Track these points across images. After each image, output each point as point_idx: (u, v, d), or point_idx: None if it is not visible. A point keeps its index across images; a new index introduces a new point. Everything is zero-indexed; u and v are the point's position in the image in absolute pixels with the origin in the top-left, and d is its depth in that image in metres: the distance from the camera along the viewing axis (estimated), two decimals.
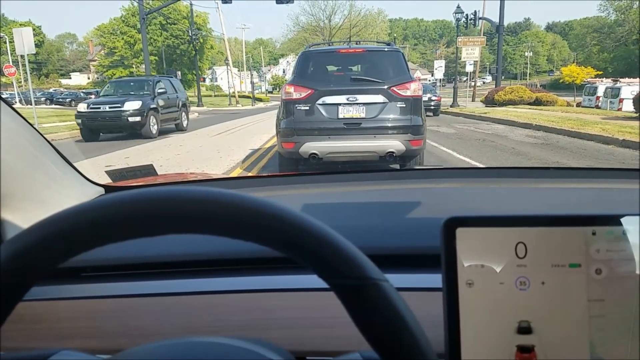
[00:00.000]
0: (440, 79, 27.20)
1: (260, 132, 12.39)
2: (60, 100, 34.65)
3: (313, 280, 0.46)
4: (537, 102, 19.72)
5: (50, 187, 0.82)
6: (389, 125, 4.92)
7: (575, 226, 0.43)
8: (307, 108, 4.92)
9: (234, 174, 6.27)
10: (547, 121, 12.03)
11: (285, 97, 5.02)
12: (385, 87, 4.93)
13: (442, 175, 1.38)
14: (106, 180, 1.22)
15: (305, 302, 0.65)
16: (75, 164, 0.94)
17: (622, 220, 0.43)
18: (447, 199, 1.14)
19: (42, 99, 34.33)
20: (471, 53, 20.73)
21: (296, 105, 4.94)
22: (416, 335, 0.34)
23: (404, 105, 4.92)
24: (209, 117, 20.35)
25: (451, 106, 20.69)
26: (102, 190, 0.99)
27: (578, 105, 23.00)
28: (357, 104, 4.90)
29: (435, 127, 12.55)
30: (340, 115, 4.92)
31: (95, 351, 0.50)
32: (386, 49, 5.46)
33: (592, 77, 33.31)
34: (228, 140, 10.89)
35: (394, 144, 4.91)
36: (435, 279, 0.50)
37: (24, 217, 0.75)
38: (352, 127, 4.92)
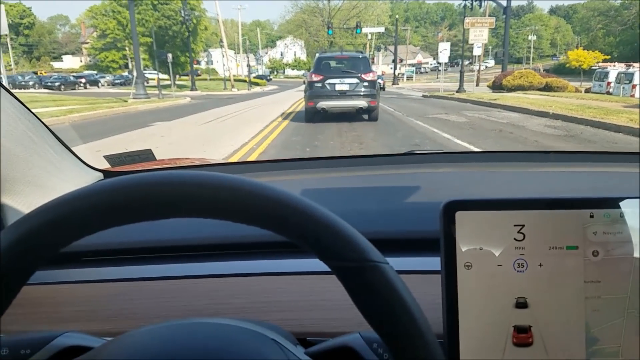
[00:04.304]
0: (445, 62, 25.97)
1: (254, 120, 11.48)
2: (49, 84, 33.41)
3: (314, 263, 0.48)
4: (547, 88, 18.76)
5: (49, 172, 0.82)
6: (360, 94, 9.88)
7: (573, 209, 0.43)
8: (320, 85, 9.86)
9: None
10: (565, 109, 11.10)
11: (309, 79, 10.14)
12: (358, 75, 9.88)
13: (442, 159, 1.36)
14: (103, 165, 1.18)
15: (306, 285, 0.66)
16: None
17: (620, 203, 0.43)
18: (447, 183, 1.15)
19: (31, 82, 33.19)
20: (479, 35, 19.57)
21: (315, 84, 9.92)
22: (415, 316, 0.34)
23: (367, 84, 9.88)
24: (201, 102, 19.38)
25: (457, 92, 19.61)
26: (100, 175, 0.99)
27: (587, 90, 21.88)
28: (344, 83, 9.83)
29: (444, 114, 11.62)
30: (337, 89, 9.84)
31: (96, 334, 0.51)
32: (360, 56, 10.58)
33: (599, 62, 32.26)
34: (218, 129, 10.02)
35: (362, 103, 9.90)
36: (434, 262, 0.50)
37: (24, 201, 0.76)
38: (342, 94, 9.85)
